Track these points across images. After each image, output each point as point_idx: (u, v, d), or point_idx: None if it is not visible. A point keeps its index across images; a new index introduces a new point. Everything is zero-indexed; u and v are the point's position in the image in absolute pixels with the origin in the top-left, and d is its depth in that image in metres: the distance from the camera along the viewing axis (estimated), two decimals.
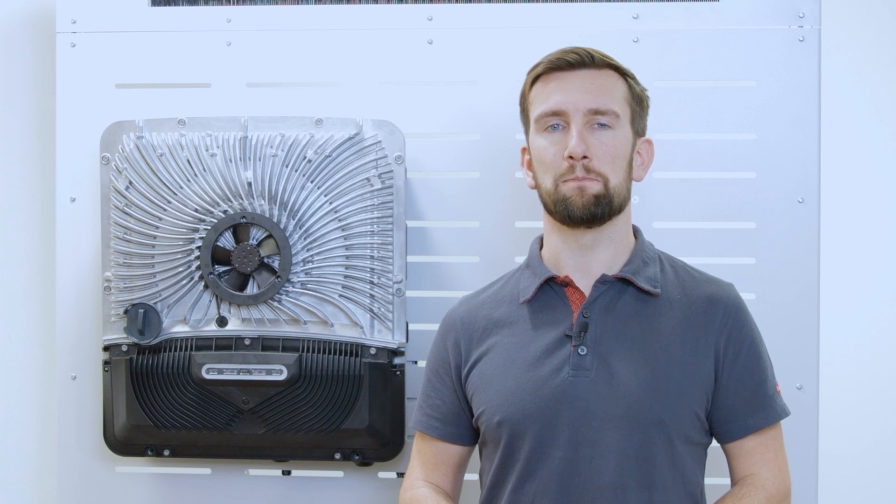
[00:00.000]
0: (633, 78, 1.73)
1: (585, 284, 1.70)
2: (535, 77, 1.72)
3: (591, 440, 1.62)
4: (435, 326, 1.84)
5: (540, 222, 1.77)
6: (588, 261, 1.70)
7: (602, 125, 1.67)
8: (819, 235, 2.06)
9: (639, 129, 1.74)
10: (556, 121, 1.68)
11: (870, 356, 2.52)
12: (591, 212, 1.65)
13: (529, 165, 1.75)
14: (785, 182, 2.06)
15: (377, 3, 2.13)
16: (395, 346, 2.00)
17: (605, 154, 1.66)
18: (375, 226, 1.99)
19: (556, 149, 1.67)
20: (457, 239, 2.12)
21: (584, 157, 1.65)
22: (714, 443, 1.73)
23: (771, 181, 2.06)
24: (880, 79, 2.54)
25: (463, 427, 1.76)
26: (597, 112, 1.67)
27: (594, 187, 1.65)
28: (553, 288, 1.72)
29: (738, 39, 2.07)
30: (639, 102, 1.73)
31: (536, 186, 1.73)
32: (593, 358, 1.64)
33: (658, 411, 1.62)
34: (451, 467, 1.78)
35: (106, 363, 2.03)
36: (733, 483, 1.71)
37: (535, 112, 1.71)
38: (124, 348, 2.01)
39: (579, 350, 1.65)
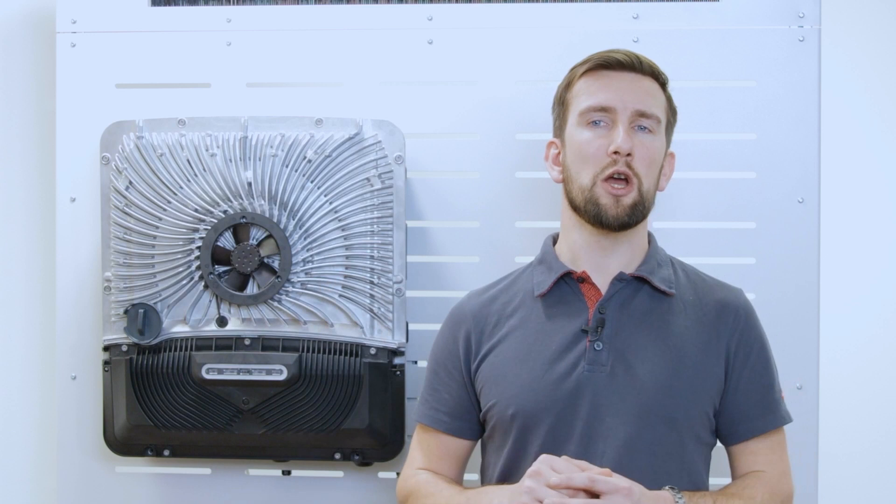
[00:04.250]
0: (668, 92, 1.75)
1: (602, 282, 1.71)
2: (583, 72, 1.73)
3: (604, 435, 1.63)
4: (435, 326, 1.84)
5: (540, 223, 1.77)
6: (606, 260, 1.72)
7: (643, 128, 1.69)
8: (819, 235, 2.06)
9: (669, 140, 1.76)
10: (601, 116, 1.69)
11: (870, 356, 2.52)
12: (624, 221, 1.68)
13: (556, 160, 1.76)
14: (785, 182, 2.06)
15: (377, 3, 2.13)
16: (395, 346, 2.00)
17: (645, 156, 1.68)
18: (375, 226, 1.99)
19: (599, 143, 1.68)
20: (457, 239, 2.11)
21: (629, 155, 1.66)
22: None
23: (771, 181, 2.06)
24: (880, 79, 2.54)
25: (471, 421, 1.76)
26: (642, 114, 1.68)
27: (629, 198, 1.67)
28: (568, 283, 1.73)
29: (738, 39, 2.07)
30: (673, 114, 1.76)
31: (566, 181, 1.73)
32: (609, 354, 1.66)
33: (671, 409, 1.64)
34: (456, 460, 1.78)
35: (106, 363, 2.03)
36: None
37: (580, 105, 1.71)
38: (124, 348, 2.01)
39: (595, 345, 1.66)
